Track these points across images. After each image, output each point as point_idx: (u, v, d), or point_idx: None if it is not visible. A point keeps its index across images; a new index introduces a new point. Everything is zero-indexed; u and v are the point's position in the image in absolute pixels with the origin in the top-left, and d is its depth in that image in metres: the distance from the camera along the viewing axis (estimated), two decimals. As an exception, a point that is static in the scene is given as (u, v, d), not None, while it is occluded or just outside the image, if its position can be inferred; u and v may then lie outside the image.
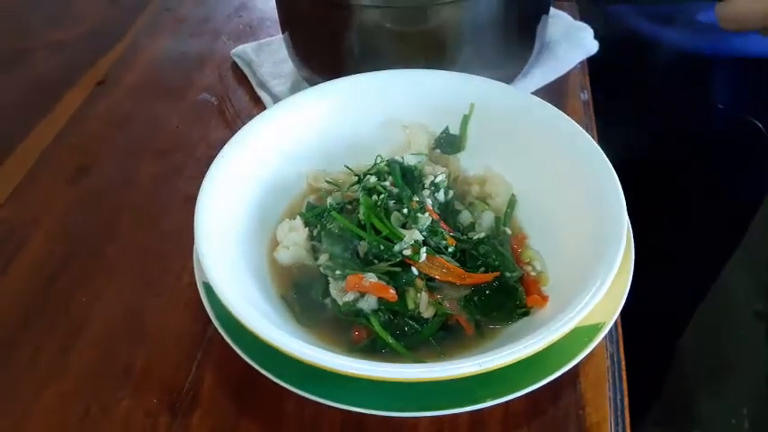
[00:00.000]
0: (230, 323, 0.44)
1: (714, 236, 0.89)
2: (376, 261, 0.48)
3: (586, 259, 0.45)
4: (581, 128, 0.53)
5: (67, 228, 0.60)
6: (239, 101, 0.74)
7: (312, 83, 0.67)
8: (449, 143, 0.59)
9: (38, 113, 0.73)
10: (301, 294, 0.49)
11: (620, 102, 0.72)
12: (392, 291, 0.46)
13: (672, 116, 0.81)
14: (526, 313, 0.47)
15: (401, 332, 0.46)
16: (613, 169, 0.49)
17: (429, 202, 0.51)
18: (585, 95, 0.73)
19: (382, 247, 0.48)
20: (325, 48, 0.67)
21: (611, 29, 0.77)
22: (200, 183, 0.49)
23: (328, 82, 0.59)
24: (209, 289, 0.45)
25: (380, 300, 0.46)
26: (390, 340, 0.45)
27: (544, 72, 0.73)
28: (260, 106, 0.72)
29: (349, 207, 0.52)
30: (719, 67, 0.80)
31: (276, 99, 0.71)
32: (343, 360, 0.38)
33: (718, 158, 0.84)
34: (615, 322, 0.46)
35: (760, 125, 0.80)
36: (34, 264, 0.56)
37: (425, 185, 0.52)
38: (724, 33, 0.73)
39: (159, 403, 0.45)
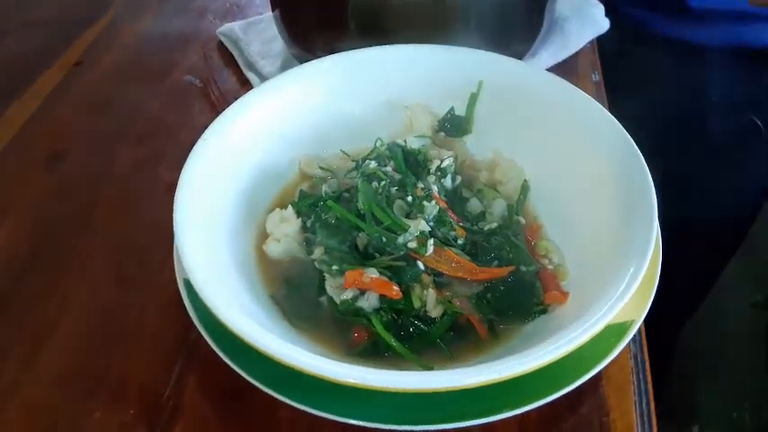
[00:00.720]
0: (214, 325, 0.41)
1: (714, 231, 0.89)
2: (377, 255, 0.46)
3: (610, 249, 0.43)
4: (600, 105, 0.50)
5: (38, 219, 0.57)
6: (225, 82, 0.72)
7: (304, 62, 0.63)
8: (454, 125, 0.56)
9: (9, 96, 0.71)
10: (293, 292, 0.47)
11: (612, 91, 0.69)
12: (396, 288, 0.43)
13: (664, 106, 0.79)
14: (544, 311, 0.44)
15: (406, 333, 0.44)
16: (637, 148, 0.46)
17: (435, 188, 0.49)
18: (597, 76, 0.71)
19: (384, 239, 0.45)
20: (319, 23, 0.64)
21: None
22: (183, 170, 0.47)
23: (322, 58, 0.56)
24: (190, 287, 0.43)
25: (382, 298, 0.44)
26: (394, 343, 0.42)
27: (553, 51, 0.70)
28: (247, 88, 0.69)
29: (346, 195, 0.50)
30: (713, 57, 0.79)
31: (265, 80, 0.68)
32: (340, 368, 0.36)
33: (716, 155, 0.83)
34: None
35: (758, 121, 0.80)
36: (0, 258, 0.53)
37: (431, 171, 0.50)
38: (717, 20, 0.70)
39: (136, 414, 0.42)
